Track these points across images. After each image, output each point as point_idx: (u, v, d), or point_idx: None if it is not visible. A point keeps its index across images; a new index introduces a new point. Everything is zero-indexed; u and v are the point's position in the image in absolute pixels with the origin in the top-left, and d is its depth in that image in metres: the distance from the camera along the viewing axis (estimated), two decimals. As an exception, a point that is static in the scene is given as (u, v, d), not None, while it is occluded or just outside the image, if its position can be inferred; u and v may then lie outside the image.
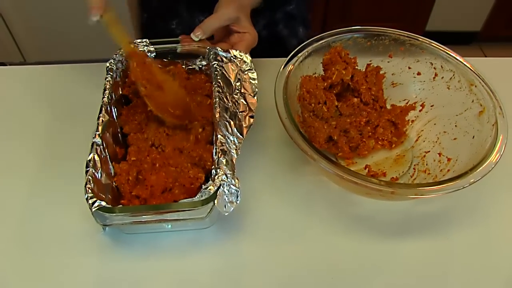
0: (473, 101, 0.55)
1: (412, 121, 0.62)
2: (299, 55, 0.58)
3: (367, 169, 0.58)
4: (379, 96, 0.61)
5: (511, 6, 1.93)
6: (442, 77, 0.59)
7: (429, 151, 0.58)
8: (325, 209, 0.54)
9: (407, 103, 0.63)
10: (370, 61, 0.62)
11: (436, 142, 0.58)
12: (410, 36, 0.60)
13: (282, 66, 0.56)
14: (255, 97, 0.58)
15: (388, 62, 0.63)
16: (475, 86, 0.55)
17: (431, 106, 0.61)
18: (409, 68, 0.62)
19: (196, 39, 0.60)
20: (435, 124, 0.60)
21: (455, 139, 0.56)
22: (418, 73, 0.62)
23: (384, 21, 0.81)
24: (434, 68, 0.60)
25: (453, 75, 0.58)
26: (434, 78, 0.60)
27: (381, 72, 0.62)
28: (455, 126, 0.57)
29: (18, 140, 0.62)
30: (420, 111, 0.62)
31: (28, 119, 0.65)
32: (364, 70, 0.61)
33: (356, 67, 0.60)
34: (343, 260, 0.50)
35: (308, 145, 0.49)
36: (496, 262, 0.50)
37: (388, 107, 0.63)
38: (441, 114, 0.59)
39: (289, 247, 0.51)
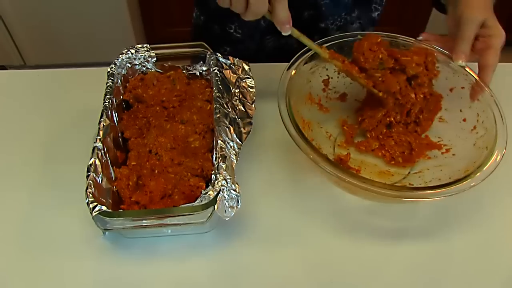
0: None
1: (429, 158, 0.59)
2: (301, 58, 0.57)
3: (348, 156, 0.58)
4: (423, 123, 0.60)
5: (510, 9, 1.94)
6: (477, 132, 0.56)
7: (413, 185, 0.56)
8: (325, 214, 0.54)
9: (438, 141, 0.60)
10: None
11: (428, 182, 0.55)
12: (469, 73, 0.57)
13: (286, 69, 0.56)
14: (253, 105, 0.58)
15: (447, 95, 0.60)
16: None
17: (453, 155, 0.58)
18: (460, 111, 0.58)
19: (463, 64, 0.56)
20: (441, 170, 0.56)
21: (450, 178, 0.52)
22: (464, 119, 0.58)
23: (382, 24, 0.81)
24: (477, 120, 0.56)
25: (484, 133, 0.54)
26: (471, 130, 0.57)
27: (441, 103, 0.60)
28: (458, 170, 0.53)
29: (19, 144, 0.62)
30: (442, 153, 0.59)
31: (28, 123, 0.65)
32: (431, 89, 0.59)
33: (434, 81, 0.58)
34: (343, 264, 0.50)
35: (306, 142, 0.49)
36: (496, 265, 0.50)
37: (423, 136, 0.61)
38: (453, 163, 0.55)
39: (290, 251, 0.51)
